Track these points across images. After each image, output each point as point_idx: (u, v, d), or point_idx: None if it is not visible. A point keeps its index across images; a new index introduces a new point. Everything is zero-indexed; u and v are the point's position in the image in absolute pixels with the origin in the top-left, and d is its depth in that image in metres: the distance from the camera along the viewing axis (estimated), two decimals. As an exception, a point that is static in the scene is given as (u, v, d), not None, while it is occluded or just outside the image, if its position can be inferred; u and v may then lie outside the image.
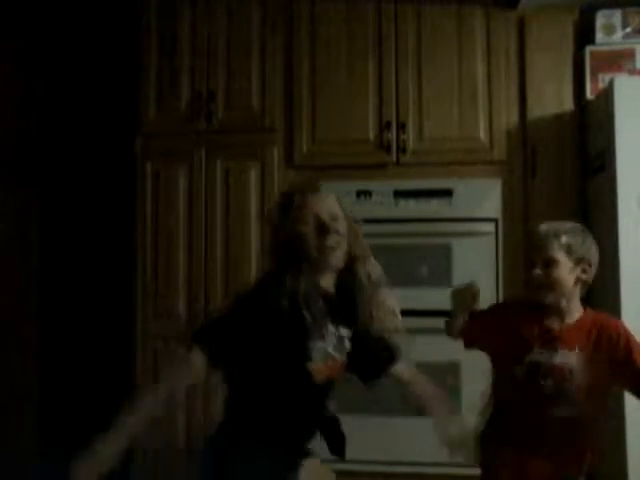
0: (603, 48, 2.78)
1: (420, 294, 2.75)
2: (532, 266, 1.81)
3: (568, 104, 2.81)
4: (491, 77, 2.83)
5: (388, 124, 2.85)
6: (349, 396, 2.74)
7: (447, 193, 2.77)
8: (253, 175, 2.92)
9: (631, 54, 2.78)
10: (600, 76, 2.76)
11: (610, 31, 2.79)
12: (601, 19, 2.79)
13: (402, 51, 2.88)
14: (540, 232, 1.82)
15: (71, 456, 1.49)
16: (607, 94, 2.51)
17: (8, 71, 3.20)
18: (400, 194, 2.80)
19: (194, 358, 1.58)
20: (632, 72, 2.75)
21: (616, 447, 2.37)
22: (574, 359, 1.77)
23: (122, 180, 3.16)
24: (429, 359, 2.69)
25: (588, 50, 2.78)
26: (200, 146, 2.97)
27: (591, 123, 2.73)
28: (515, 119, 2.83)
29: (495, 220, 2.75)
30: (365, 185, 2.83)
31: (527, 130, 2.82)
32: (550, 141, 2.80)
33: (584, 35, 2.83)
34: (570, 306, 1.82)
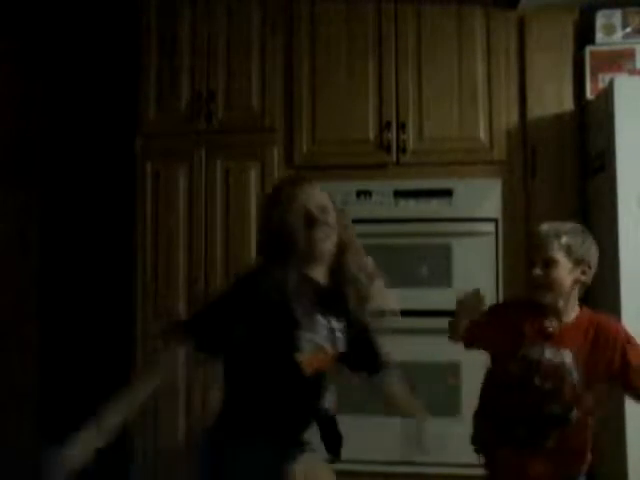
0: (603, 48, 2.78)
1: (420, 294, 2.75)
2: (532, 266, 1.81)
3: (568, 104, 2.81)
4: (491, 77, 2.83)
5: (388, 124, 2.85)
6: (349, 396, 2.76)
7: (447, 193, 2.77)
8: (253, 175, 2.92)
9: (631, 54, 2.78)
10: (600, 76, 2.76)
11: (610, 31, 2.80)
12: (601, 19, 2.79)
13: (402, 51, 2.88)
14: (540, 232, 1.82)
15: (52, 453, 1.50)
16: (607, 94, 2.51)
17: (8, 71, 3.20)
18: (400, 194, 2.80)
19: (182, 347, 1.62)
20: (632, 72, 2.76)
21: (616, 447, 2.37)
22: (570, 357, 1.78)
23: (122, 180, 3.16)
24: (429, 359, 2.69)
25: (588, 50, 2.78)
26: (200, 146, 2.97)
27: (591, 123, 2.73)
28: (515, 119, 2.83)
29: (495, 220, 2.75)
30: (365, 185, 2.83)
31: (527, 130, 2.82)
32: (550, 141, 2.80)
33: (584, 35, 2.83)
34: (567, 306, 1.82)
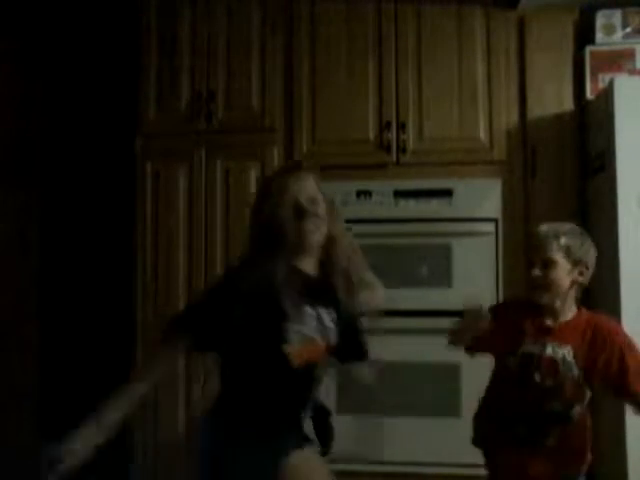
0: (603, 48, 2.78)
1: (420, 294, 2.75)
2: (531, 266, 1.82)
3: (568, 104, 2.81)
4: (491, 77, 2.83)
5: (388, 124, 2.85)
6: (349, 396, 2.76)
7: (447, 193, 2.77)
8: (253, 175, 2.92)
9: (631, 54, 2.78)
10: (600, 76, 2.76)
11: (610, 31, 2.80)
12: (601, 19, 2.79)
13: (402, 51, 2.88)
14: (540, 233, 1.83)
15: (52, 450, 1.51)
16: (607, 94, 2.51)
17: (8, 71, 3.19)
18: (400, 194, 2.80)
19: (175, 344, 1.65)
20: (632, 72, 2.76)
21: (616, 447, 2.37)
22: (570, 354, 1.79)
23: (122, 180, 3.16)
24: (429, 359, 2.70)
25: (588, 50, 2.78)
26: (200, 146, 2.97)
27: (591, 123, 2.73)
28: (515, 119, 2.83)
29: (495, 220, 2.75)
30: (365, 185, 2.83)
31: (527, 130, 2.82)
32: (550, 141, 2.80)
33: (584, 35, 2.83)
34: (565, 306, 1.84)
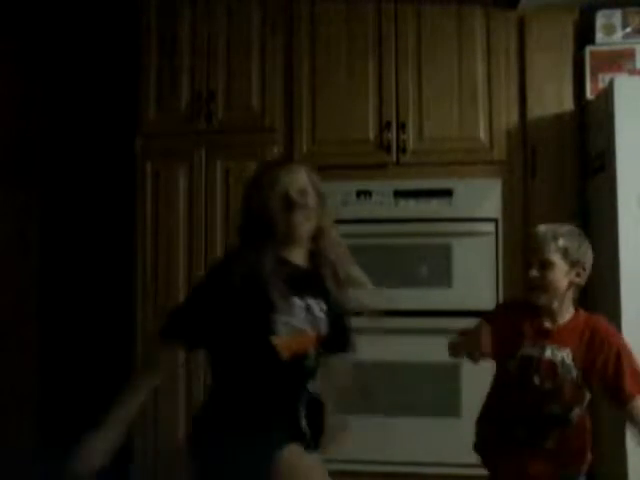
0: (603, 48, 2.78)
1: (420, 294, 2.75)
2: (529, 267, 1.82)
3: (568, 104, 2.81)
4: (491, 77, 2.83)
5: (388, 124, 2.85)
6: (349, 396, 2.76)
7: (447, 193, 2.77)
8: (253, 175, 2.91)
9: (631, 54, 2.78)
10: (600, 76, 2.76)
11: (610, 31, 2.80)
12: (601, 19, 2.79)
13: (402, 51, 2.88)
14: (538, 234, 1.84)
15: (70, 456, 1.50)
16: (607, 94, 2.51)
17: (8, 71, 3.19)
18: (400, 194, 2.80)
19: (168, 350, 1.66)
20: (632, 72, 2.76)
21: (616, 447, 2.37)
22: (569, 356, 1.79)
23: (122, 180, 3.16)
24: (429, 359, 2.69)
25: (588, 50, 2.78)
26: (200, 146, 2.96)
27: (591, 123, 2.73)
28: (515, 119, 2.83)
29: (495, 220, 2.75)
30: (365, 185, 2.83)
31: (527, 130, 2.82)
32: (550, 141, 2.80)
33: (584, 35, 2.83)
34: (562, 308, 1.84)
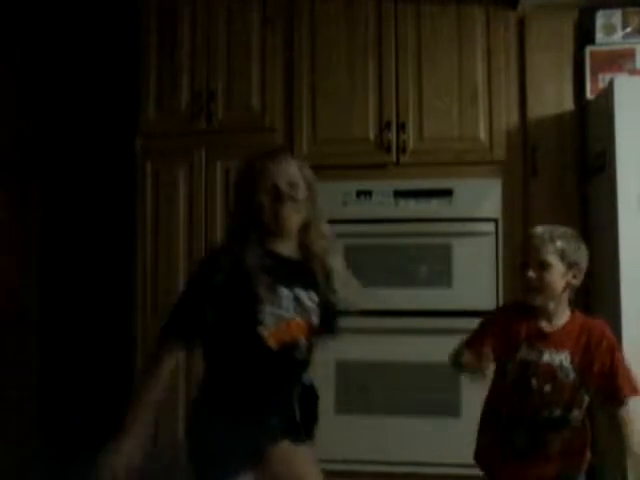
0: (603, 48, 2.79)
1: (420, 294, 2.75)
2: (526, 268, 1.83)
3: (568, 104, 2.81)
4: (491, 77, 2.83)
5: (388, 124, 2.85)
6: (349, 396, 2.76)
7: (447, 193, 2.77)
8: (253, 175, 2.91)
9: (631, 54, 2.78)
10: (600, 76, 2.76)
11: (610, 31, 2.80)
12: (601, 19, 2.80)
13: (402, 51, 2.88)
14: (535, 235, 1.84)
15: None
16: (607, 94, 2.51)
17: (8, 71, 3.20)
18: (400, 194, 2.80)
19: (171, 349, 1.65)
20: (632, 72, 2.76)
21: (616, 447, 2.36)
22: (567, 359, 1.80)
23: (122, 180, 3.16)
24: (429, 359, 2.69)
25: (588, 50, 2.79)
26: (200, 146, 2.97)
27: (591, 123, 2.73)
28: (515, 119, 2.83)
29: (495, 220, 2.75)
30: (365, 185, 2.83)
31: (527, 130, 2.82)
32: (550, 141, 2.80)
33: (584, 35, 2.83)
34: (558, 309, 1.84)
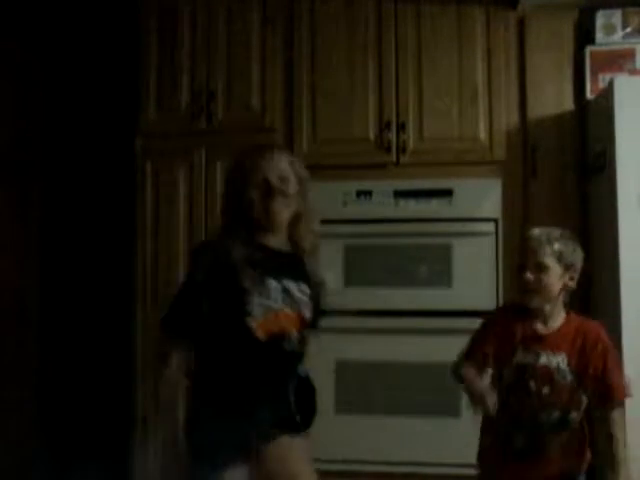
0: (603, 48, 2.78)
1: (420, 294, 2.75)
2: (523, 269, 1.83)
3: (568, 104, 2.81)
4: (491, 77, 2.83)
5: (388, 124, 2.85)
6: (349, 396, 2.76)
7: (447, 193, 2.77)
8: (253, 175, 2.91)
9: (631, 54, 2.78)
10: (600, 76, 2.76)
11: (610, 31, 2.79)
12: (601, 19, 2.79)
13: (402, 51, 2.88)
14: (533, 237, 1.84)
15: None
16: (607, 94, 2.51)
17: (8, 71, 3.20)
18: (400, 194, 2.80)
19: (173, 347, 1.69)
20: (632, 72, 2.75)
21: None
22: (564, 361, 1.80)
23: (122, 180, 3.16)
24: (429, 359, 2.69)
25: (588, 50, 2.78)
26: (200, 146, 2.96)
27: (591, 123, 2.73)
28: (515, 119, 2.83)
29: (495, 220, 2.74)
30: (365, 185, 2.83)
31: (527, 130, 2.82)
32: (550, 141, 2.79)
33: (584, 35, 2.83)
34: (553, 311, 1.85)
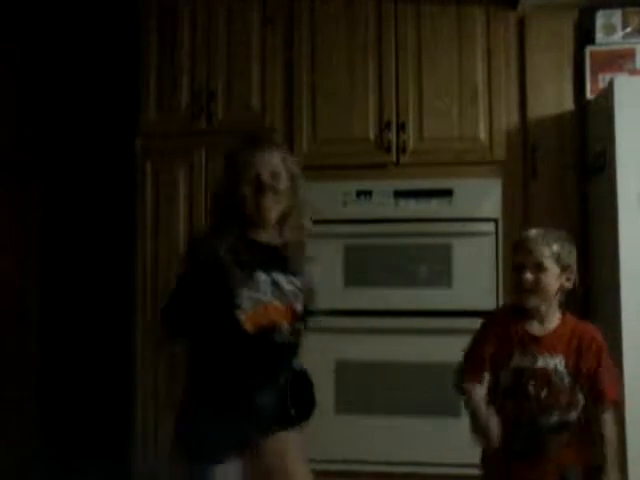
0: (603, 48, 2.78)
1: (420, 294, 2.75)
2: (521, 270, 1.83)
3: (568, 104, 2.81)
4: (491, 77, 2.83)
5: (388, 124, 2.85)
6: (349, 396, 2.76)
7: (447, 193, 2.77)
8: (253, 175, 2.91)
9: (631, 54, 2.78)
10: (600, 76, 2.76)
11: (610, 31, 2.80)
12: (601, 19, 2.80)
13: (402, 51, 2.88)
14: (531, 238, 1.84)
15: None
16: (607, 94, 2.51)
17: (8, 71, 3.20)
18: (400, 194, 2.80)
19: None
20: (632, 72, 2.76)
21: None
22: (562, 363, 1.80)
23: (122, 180, 3.16)
24: (429, 359, 2.69)
25: (588, 50, 2.79)
26: (200, 146, 2.96)
27: (591, 123, 2.73)
28: (515, 119, 2.83)
29: (495, 220, 2.75)
30: (365, 185, 2.83)
31: (527, 130, 2.82)
32: (550, 141, 2.80)
33: (584, 35, 2.83)
34: (549, 311, 1.85)
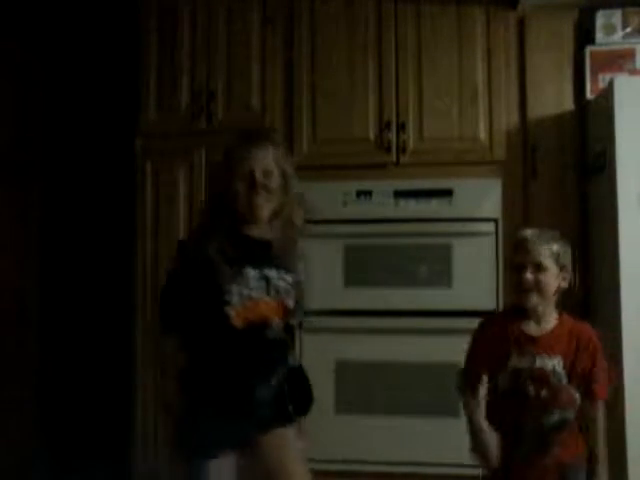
0: (603, 48, 2.78)
1: (420, 294, 2.75)
2: (520, 270, 1.83)
3: (568, 104, 2.81)
4: (491, 77, 2.83)
5: (388, 124, 2.85)
6: (349, 396, 2.76)
7: (447, 193, 2.77)
8: (253, 175, 2.91)
9: (631, 54, 2.78)
10: (600, 76, 2.76)
11: (610, 31, 2.80)
12: (601, 19, 2.80)
13: (402, 51, 2.88)
14: (529, 238, 1.85)
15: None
16: (607, 94, 2.51)
17: (8, 71, 3.20)
18: (400, 194, 2.80)
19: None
20: (632, 72, 2.76)
21: (616, 445, 2.37)
22: (560, 363, 1.80)
23: (122, 180, 3.16)
24: (429, 359, 2.69)
25: (588, 50, 2.79)
26: (200, 146, 2.96)
27: (591, 123, 2.73)
28: (515, 119, 2.83)
29: (495, 220, 2.75)
30: (365, 185, 2.83)
31: (527, 130, 2.82)
32: (550, 141, 2.80)
33: (584, 35, 2.83)
34: (546, 311, 1.85)
